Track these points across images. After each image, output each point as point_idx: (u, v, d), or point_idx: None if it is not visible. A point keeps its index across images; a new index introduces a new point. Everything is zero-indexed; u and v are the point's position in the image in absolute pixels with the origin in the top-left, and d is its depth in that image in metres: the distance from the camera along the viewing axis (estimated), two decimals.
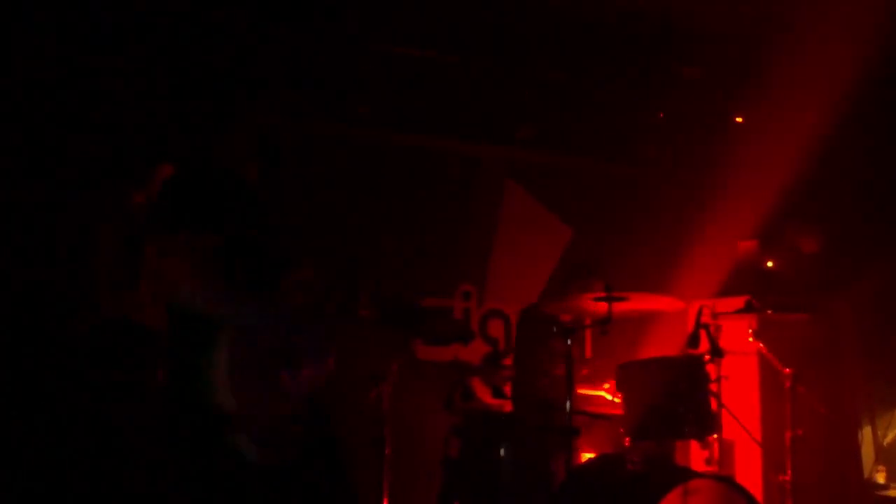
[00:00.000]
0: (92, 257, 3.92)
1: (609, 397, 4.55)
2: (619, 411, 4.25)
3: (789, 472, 4.38)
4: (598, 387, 4.75)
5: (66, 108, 4.44)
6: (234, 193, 2.73)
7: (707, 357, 4.18)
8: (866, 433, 5.73)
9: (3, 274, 4.12)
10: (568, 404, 3.98)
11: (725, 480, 3.92)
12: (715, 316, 4.47)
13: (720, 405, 4.30)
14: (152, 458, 3.95)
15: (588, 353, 5.93)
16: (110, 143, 4.37)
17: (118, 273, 3.94)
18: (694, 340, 4.27)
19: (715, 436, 4.22)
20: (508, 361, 4.86)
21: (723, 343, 4.37)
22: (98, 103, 4.49)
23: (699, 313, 4.31)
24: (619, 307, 4.15)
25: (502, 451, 4.06)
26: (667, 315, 4.96)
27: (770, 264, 5.90)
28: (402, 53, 5.37)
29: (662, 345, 5.07)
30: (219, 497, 2.58)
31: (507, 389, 4.72)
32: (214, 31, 4.74)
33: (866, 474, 5.54)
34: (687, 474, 3.93)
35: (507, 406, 4.74)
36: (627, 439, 4.13)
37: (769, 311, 4.75)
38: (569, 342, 4.06)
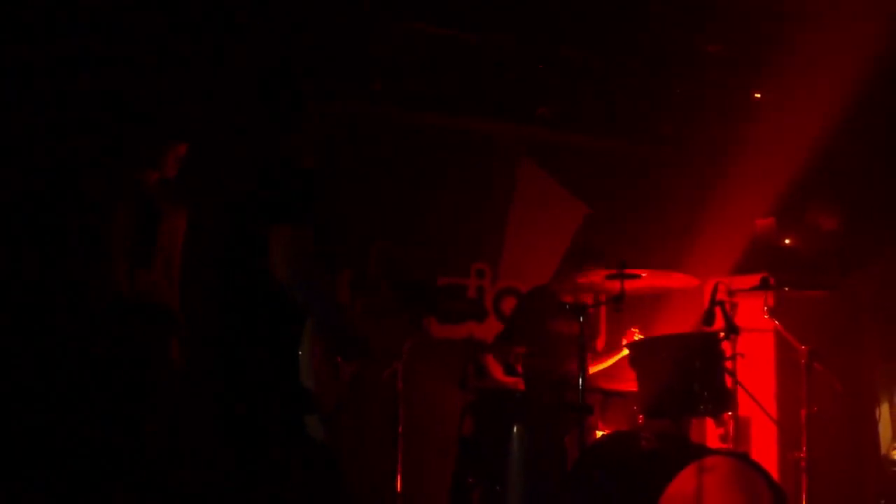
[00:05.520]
0: (106, 236, 3.93)
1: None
2: (634, 388, 4.24)
3: (805, 449, 4.36)
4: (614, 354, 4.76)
5: (83, 87, 4.45)
6: (313, 186, 2.76)
7: (722, 334, 4.16)
8: (883, 410, 5.69)
9: (18, 254, 4.15)
10: (581, 382, 3.98)
11: (741, 457, 3.91)
12: (731, 293, 4.43)
13: (735, 382, 4.27)
14: (169, 435, 3.99)
15: (602, 331, 5.93)
16: (126, 121, 4.38)
17: (133, 252, 3.95)
18: (709, 318, 4.25)
19: (730, 413, 4.20)
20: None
21: (739, 320, 4.33)
22: (115, 82, 4.50)
23: (714, 290, 4.28)
24: (634, 284, 4.13)
25: (516, 429, 4.06)
26: (682, 292, 4.94)
27: (787, 241, 5.85)
28: (418, 31, 5.34)
29: (677, 322, 5.04)
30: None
31: (520, 367, 4.72)
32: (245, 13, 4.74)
33: (883, 451, 5.50)
34: (702, 451, 3.92)
35: (521, 384, 4.74)
36: (641, 417, 4.12)
37: (786, 288, 4.71)
38: (581, 320, 4.05)
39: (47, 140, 4.32)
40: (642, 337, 4.57)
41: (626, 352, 4.67)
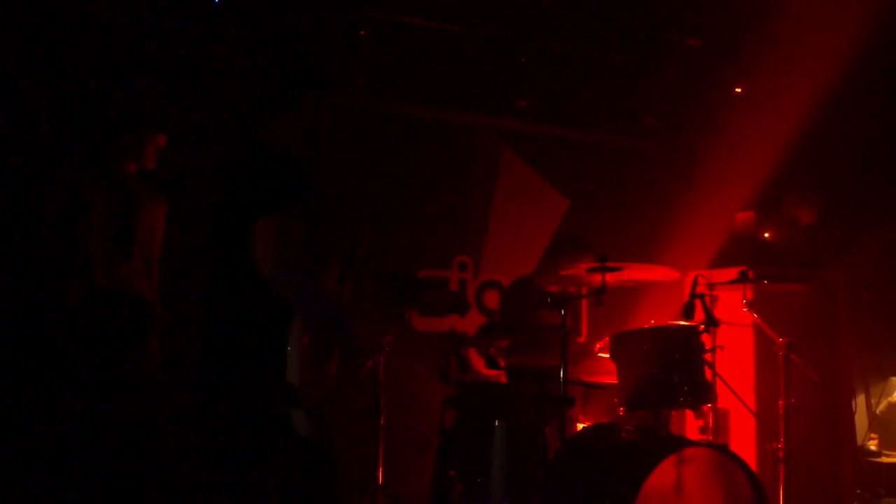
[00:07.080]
0: (85, 226, 3.89)
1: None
2: (614, 381, 4.27)
3: (782, 440, 4.41)
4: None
5: (62, 77, 4.40)
6: (304, 176, 2.73)
7: (702, 327, 4.19)
8: (860, 401, 5.77)
9: None
10: (562, 374, 4.00)
11: (720, 449, 3.94)
12: (711, 286, 4.47)
13: (715, 374, 4.32)
14: (150, 429, 3.97)
15: (584, 323, 5.95)
16: (104, 112, 4.34)
17: (111, 243, 3.92)
18: (689, 310, 4.28)
19: (709, 405, 4.24)
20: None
21: (718, 313, 4.37)
22: (96, 71, 4.46)
23: (695, 283, 4.31)
24: (615, 277, 4.16)
25: (497, 422, 4.08)
26: (663, 285, 4.97)
27: (766, 235, 5.90)
28: (400, 22, 5.32)
29: (658, 315, 5.07)
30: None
31: (502, 360, 4.73)
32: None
33: (859, 442, 5.57)
34: (681, 443, 3.95)
35: (503, 377, 4.75)
36: (622, 409, 4.15)
37: (764, 282, 4.75)
38: (562, 312, 4.07)
39: (26, 130, 4.28)
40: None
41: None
